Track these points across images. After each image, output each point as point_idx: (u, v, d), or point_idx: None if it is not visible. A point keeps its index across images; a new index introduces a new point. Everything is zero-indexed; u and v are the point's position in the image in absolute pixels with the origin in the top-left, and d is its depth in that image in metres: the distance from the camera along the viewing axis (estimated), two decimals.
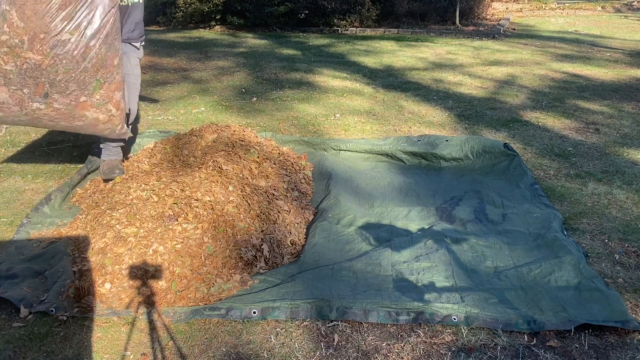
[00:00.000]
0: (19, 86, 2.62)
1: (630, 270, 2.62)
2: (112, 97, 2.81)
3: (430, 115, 5.08)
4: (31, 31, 2.53)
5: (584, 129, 4.66)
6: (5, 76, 2.59)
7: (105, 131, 2.93)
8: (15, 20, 2.51)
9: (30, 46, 2.55)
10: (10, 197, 3.37)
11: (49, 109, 2.70)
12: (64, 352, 2.10)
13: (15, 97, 2.63)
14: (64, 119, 2.77)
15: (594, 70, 6.93)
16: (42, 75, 2.61)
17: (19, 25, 2.51)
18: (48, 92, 2.64)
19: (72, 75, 2.64)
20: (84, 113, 2.76)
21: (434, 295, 2.39)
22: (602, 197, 3.38)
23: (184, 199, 2.76)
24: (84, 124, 2.82)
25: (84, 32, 2.61)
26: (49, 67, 2.60)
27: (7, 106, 2.67)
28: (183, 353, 2.11)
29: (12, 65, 2.57)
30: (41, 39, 2.56)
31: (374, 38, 9.62)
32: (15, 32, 2.52)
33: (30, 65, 2.59)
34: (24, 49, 2.55)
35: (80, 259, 2.54)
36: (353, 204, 3.25)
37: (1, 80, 2.60)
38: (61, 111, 2.72)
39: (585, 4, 13.84)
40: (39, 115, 2.73)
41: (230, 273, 2.52)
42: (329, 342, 2.16)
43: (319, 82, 6.32)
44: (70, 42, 2.60)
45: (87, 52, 2.64)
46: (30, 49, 2.56)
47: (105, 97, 2.78)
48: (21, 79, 2.60)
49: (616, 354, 2.09)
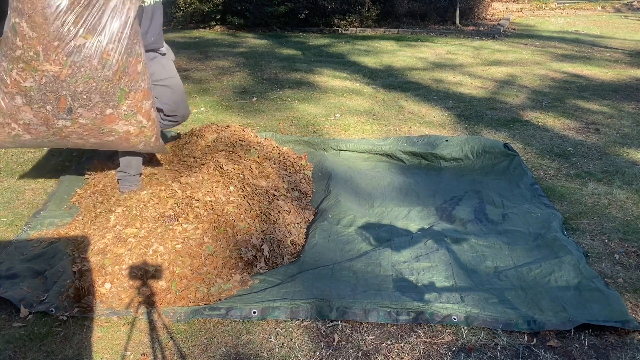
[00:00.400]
0: (42, 103, 2.44)
1: (630, 270, 2.62)
2: (140, 107, 2.61)
3: (430, 115, 5.08)
4: (44, 40, 2.35)
5: (584, 129, 4.66)
6: (26, 94, 2.42)
7: (139, 145, 2.71)
8: (27, 31, 2.34)
9: (46, 57, 2.37)
10: (10, 197, 3.37)
11: (75, 126, 2.51)
12: (64, 352, 2.10)
13: (40, 115, 2.46)
14: (93, 135, 2.57)
15: (594, 70, 6.93)
16: (62, 87, 2.43)
17: (31, 35, 2.34)
18: (71, 107, 2.47)
19: (93, 85, 2.45)
20: (112, 127, 2.56)
21: (434, 295, 2.39)
22: (602, 197, 3.38)
23: (185, 199, 2.76)
24: (115, 139, 2.61)
25: (99, 35, 2.41)
26: (69, 78, 2.42)
27: (33, 127, 2.50)
28: (183, 353, 2.11)
29: (30, 81, 2.40)
30: (55, 47, 2.37)
31: (374, 38, 9.62)
32: (29, 44, 2.36)
33: (49, 78, 2.41)
34: (40, 61, 2.37)
35: (80, 259, 2.54)
36: (353, 204, 3.25)
37: (23, 100, 2.43)
38: (88, 127, 2.53)
39: (585, 4, 13.84)
40: (67, 134, 2.54)
41: (230, 273, 2.52)
42: (329, 342, 2.16)
43: (319, 82, 6.32)
44: (86, 48, 2.40)
45: (106, 58, 2.44)
46: (47, 60, 2.38)
47: (133, 108, 2.57)
48: (42, 95, 2.42)
49: (616, 354, 2.09)
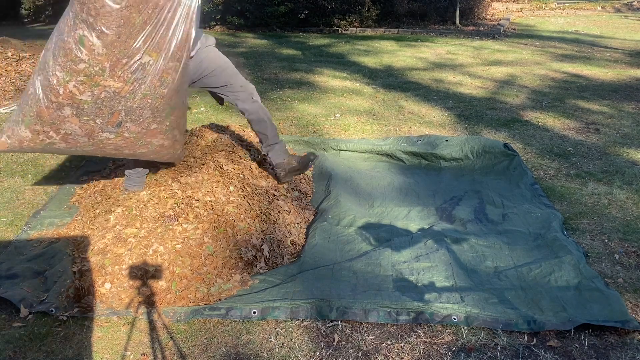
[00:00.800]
0: (92, 116, 2.35)
1: (630, 270, 2.62)
2: (179, 123, 2.60)
3: (430, 115, 5.08)
4: (113, 57, 2.25)
5: (584, 129, 4.66)
6: (79, 107, 2.32)
7: (165, 156, 2.70)
8: (97, 47, 2.22)
9: (112, 73, 2.27)
10: (10, 197, 3.37)
11: (117, 139, 2.45)
12: (64, 352, 2.10)
13: (86, 127, 2.38)
14: (129, 147, 2.53)
15: (594, 70, 6.93)
16: (119, 103, 2.35)
17: (100, 52, 2.23)
18: (122, 121, 2.41)
19: (149, 101, 2.39)
20: (150, 140, 2.53)
21: (434, 295, 2.39)
22: (602, 197, 3.38)
23: (185, 199, 2.76)
24: (147, 150, 2.58)
25: (163, 53, 2.34)
26: (128, 94, 2.35)
27: (73, 137, 2.41)
28: (183, 353, 2.11)
29: (88, 94, 2.30)
30: (123, 65, 2.28)
31: (374, 38, 9.62)
32: (96, 59, 2.24)
33: (109, 94, 2.32)
34: (105, 77, 2.27)
35: (80, 259, 2.54)
36: (353, 204, 3.25)
37: (72, 111, 2.33)
38: (130, 140, 2.48)
39: (585, 4, 13.84)
40: (106, 145, 2.49)
41: (230, 273, 2.52)
42: (329, 342, 2.16)
43: (319, 82, 6.32)
44: (150, 65, 2.33)
45: (165, 77, 2.39)
46: (112, 76, 2.28)
47: (174, 123, 2.56)
48: (96, 108, 2.34)
49: (616, 354, 2.09)
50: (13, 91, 5.75)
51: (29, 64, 6.40)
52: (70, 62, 2.25)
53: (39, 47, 7.58)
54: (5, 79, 5.95)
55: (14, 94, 5.68)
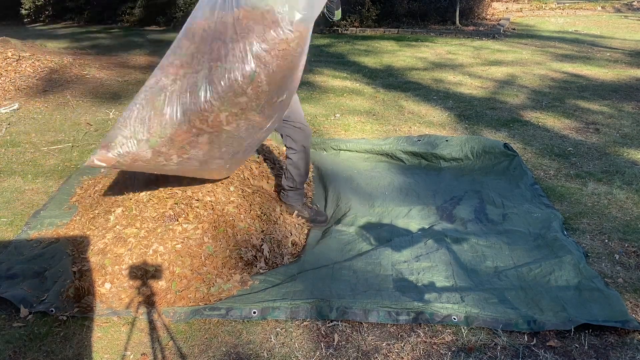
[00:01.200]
0: (222, 145, 2.29)
1: (630, 270, 2.62)
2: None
3: (430, 115, 5.08)
4: (271, 96, 2.21)
5: (584, 129, 4.66)
6: (218, 135, 2.23)
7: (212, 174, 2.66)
8: (263, 85, 2.15)
9: (262, 109, 2.22)
10: (10, 197, 3.37)
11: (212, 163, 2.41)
12: (64, 352, 2.10)
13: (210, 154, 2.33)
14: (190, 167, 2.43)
15: (594, 70, 6.93)
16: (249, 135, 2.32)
17: (264, 90, 2.17)
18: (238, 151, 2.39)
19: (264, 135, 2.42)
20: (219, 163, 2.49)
21: (434, 295, 2.39)
22: (602, 197, 3.38)
23: (185, 199, 2.76)
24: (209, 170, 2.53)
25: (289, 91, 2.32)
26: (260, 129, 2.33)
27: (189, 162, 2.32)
28: (183, 353, 2.11)
29: (233, 125, 2.23)
30: (272, 103, 2.24)
31: (374, 38, 9.62)
32: (258, 97, 2.18)
33: (249, 127, 2.28)
34: (256, 112, 2.22)
35: (80, 259, 2.54)
36: (353, 203, 3.25)
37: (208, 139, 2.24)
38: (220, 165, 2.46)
39: (585, 4, 13.84)
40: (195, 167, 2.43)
41: (230, 273, 2.52)
42: (329, 342, 2.16)
43: (319, 82, 6.32)
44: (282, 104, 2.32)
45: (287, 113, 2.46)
46: (261, 112, 2.23)
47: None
48: (230, 138, 2.27)
49: (616, 354, 2.09)
50: (13, 91, 5.76)
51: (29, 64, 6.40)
52: (234, 95, 2.15)
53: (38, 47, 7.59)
54: (5, 79, 5.96)
55: (14, 94, 5.68)
